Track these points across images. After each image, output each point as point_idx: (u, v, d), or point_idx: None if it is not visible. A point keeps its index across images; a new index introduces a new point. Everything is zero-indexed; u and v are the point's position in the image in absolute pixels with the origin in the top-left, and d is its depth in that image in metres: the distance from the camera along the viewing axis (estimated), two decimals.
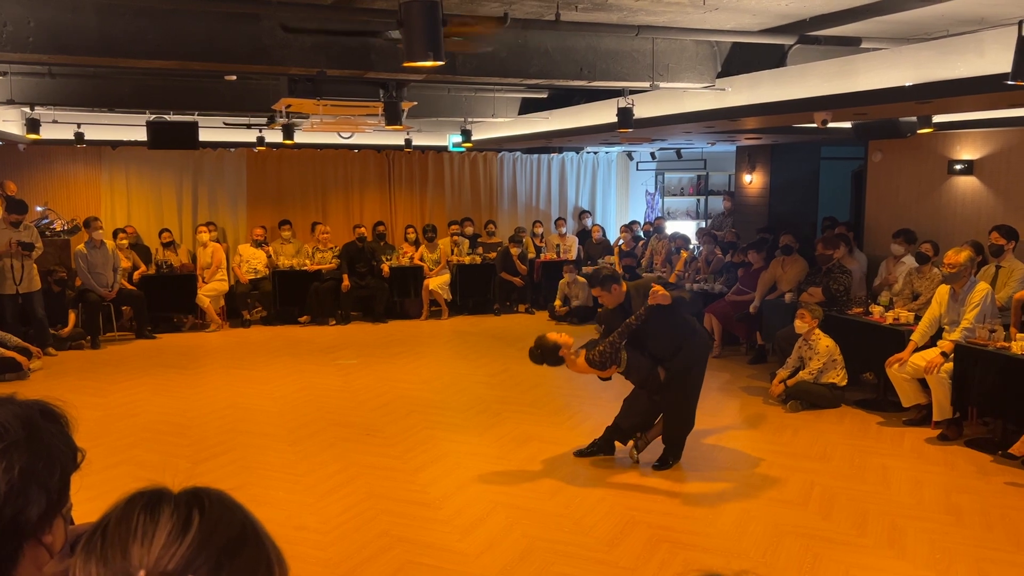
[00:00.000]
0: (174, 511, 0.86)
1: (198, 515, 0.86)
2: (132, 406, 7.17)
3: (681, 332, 5.59)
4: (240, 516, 0.90)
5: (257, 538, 0.89)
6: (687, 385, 5.65)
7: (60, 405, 1.18)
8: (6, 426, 1.07)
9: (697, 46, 6.54)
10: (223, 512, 0.88)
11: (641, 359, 5.55)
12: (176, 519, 0.85)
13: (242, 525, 0.89)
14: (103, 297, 9.94)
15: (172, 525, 0.84)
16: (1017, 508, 5.02)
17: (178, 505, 0.87)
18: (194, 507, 0.87)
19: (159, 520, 0.85)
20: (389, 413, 7.06)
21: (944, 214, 8.79)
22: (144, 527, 0.85)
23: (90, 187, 11.94)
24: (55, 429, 1.14)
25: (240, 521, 0.89)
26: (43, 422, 1.12)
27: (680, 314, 5.55)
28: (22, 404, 1.13)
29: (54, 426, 1.14)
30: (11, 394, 1.15)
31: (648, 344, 5.55)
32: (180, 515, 0.85)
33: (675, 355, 5.56)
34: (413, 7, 3.47)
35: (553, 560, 4.32)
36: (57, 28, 4.93)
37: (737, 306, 9.32)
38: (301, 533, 4.63)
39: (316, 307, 11.38)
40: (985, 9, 4.94)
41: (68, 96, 7.90)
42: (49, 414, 1.15)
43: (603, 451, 5.91)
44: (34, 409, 1.13)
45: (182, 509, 0.86)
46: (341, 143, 12.05)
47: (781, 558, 4.35)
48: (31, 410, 1.12)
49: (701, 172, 14.72)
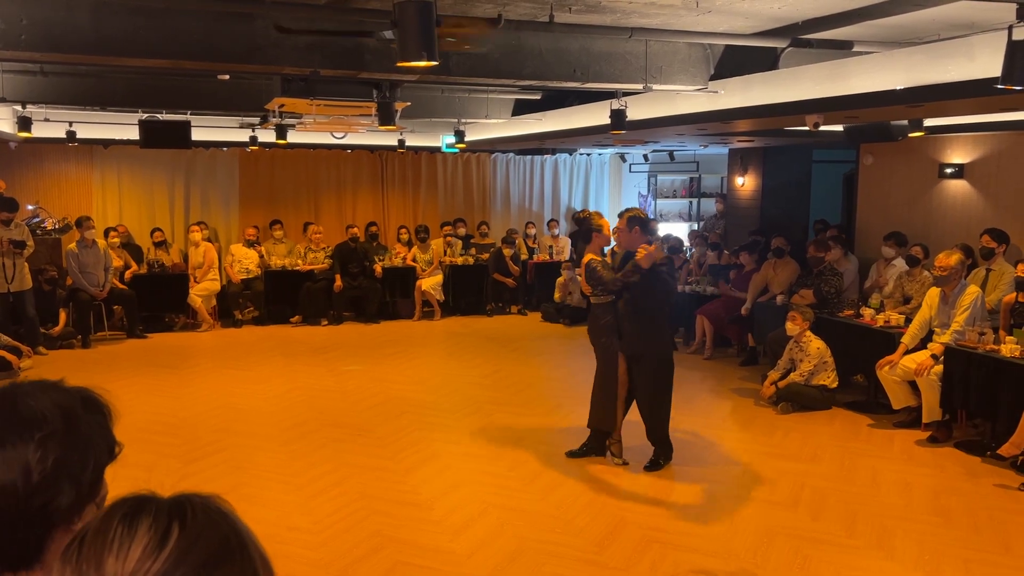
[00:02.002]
0: (153, 523, 0.82)
1: (178, 528, 0.82)
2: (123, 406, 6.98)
3: (660, 303, 5.72)
4: (226, 528, 0.85)
5: (243, 551, 0.85)
6: (666, 379, 5.74)
7: (104, 394, 1.17)
8: (46, 416, 1.07)
9: (690, 48, 6.56)
10: (206, 524, 0.84)
11: (611, 338, 5.73)
12: (154, 532, 0.82)
13: (225, 538, 0.84)
14: (94, 296, 9.91)
15: (149, 538, 0.81)
16: (1005, 510, 5.05)
17: (158, 516, 0.83)
18: (175, 519, 0.83)
19: (136, 532, 0.82)
20: (381, 414, 7.06)
21: (935, 217, 8.84)
22: (121, 539, 0.81)
23: (82, 186, 11.88)
24: (95, 420, 1.13)
25: (224, 534, 0.85)
26: (84, 412, 1.11)
27: (660, 290, 5.66)
28: (66, 392, 1.12)
29: (95, 416, 1.13)
30: (59, 379, 1.15)
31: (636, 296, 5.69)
32: (159, 527, 0.82)
33: (654, 330, 5.67)
34: (407, 7, 3.48)
35: (544, 560, 4.32)
36: (50, 26, 4.91)
37: (729, 308, 9.35)
38: (293, 533, 4.62)
39: (308, 307, 11.36)
40: (976, 14, 4.97)
41: (60, 94, 7.87)
42: (92, 403, 1.14)
43: (594, 452, 5.92)
44: (76, 398, 1.12)
45: (162, 521, 0.83)
46: (334, 143, 12.03)
47: (771, 559, 4.36)
48: (74, 399, 1.11)
49: (694, 174, 14.76)
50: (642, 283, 5.53)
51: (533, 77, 6.23)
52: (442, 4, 4.85)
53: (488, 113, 9.53)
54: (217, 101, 8.38)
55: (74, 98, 8.02)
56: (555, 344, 10.28)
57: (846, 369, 7.38)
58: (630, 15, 5.28)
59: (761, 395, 7.41)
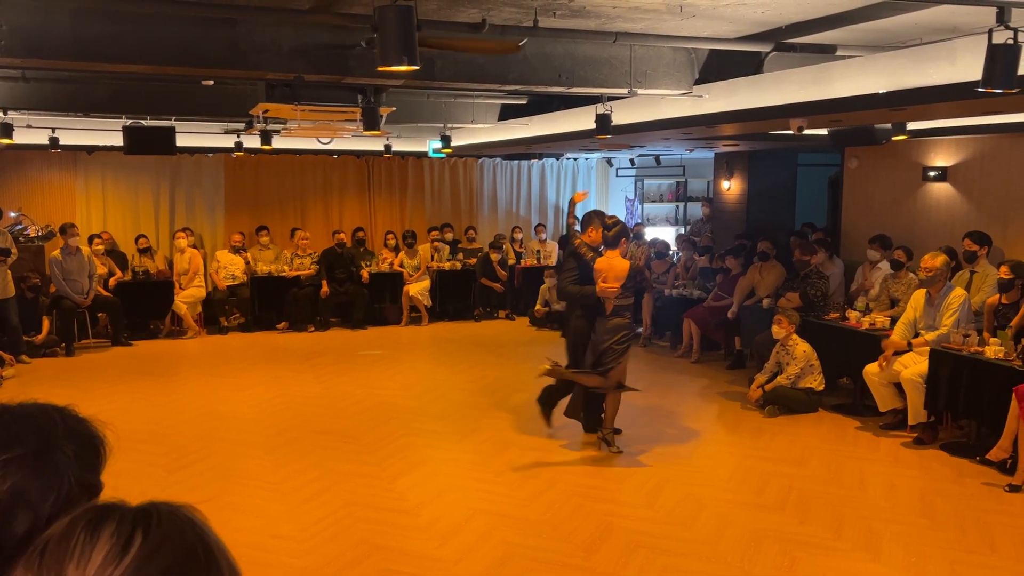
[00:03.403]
0: (116, 530, 0.81)
1: (141, 535, 0.80)
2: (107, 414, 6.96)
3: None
4: (192, 537, 0.83)
5: (210, 560, 0.83)
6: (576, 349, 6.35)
7: (102, 428, 1.12)
8: (18, 438, 1.03)
9: (674, 53, 6.57)
10: (171, 532, 0.82)
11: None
12: (116, 539, 0.80)
13: (191, 547, 0.82)
14: (78, 304, 9.83)
15: (111, 546, 0.79)
16: (991, 511, 5.07)
17: (122, 523, 0.81)
18: (139, 526, 0.81)
19: (98, 539, 0.80)
20: (367, 420, 7.02)
21: (919, 220, 8.88)
22: (82, 546, 0.80)
23: (65, 192, 11.80)
24: (75, 452, 1.07)
25: (190, 543, 0.83)
26: (63, 441, 1.06)
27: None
28: (50, 418, 1.08)
29: (76, 449, 1.08)
30: (68, 405, 1.11)
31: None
32: (121, 535, 0.80)
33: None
34: (387, 12, 3.47)
35: (531, 567, 4.31)
36: (30, 32, 4.87)
37: (715, 312, 9.37)
38: (277, 541, 4.58)
39: (294, 313, 11.30)
40: (957, 18, 5.00)
41: (42, 100, 7.81)
42: (78, 435, 1.09)
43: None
44: (59, 425, 1.08)
45: (125, 528, 0.81)
46: (320, 148, 11.99)
47: (759, 563, 4.36)
48: (55, 426, 1.07)
49: (680, 178, 14.81)
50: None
51: (518, 82, 6.23)
52: (426, 9, 4.85)
53: (474, 118, 9.52)
54: (201, 107, 8.33)
55: (57, 104, 7.95)
56: (543, 349, 10.25)
57: (832, 372, 7.40)
58: (614, 20, 5.28)
59: (748, 398, 7.42)
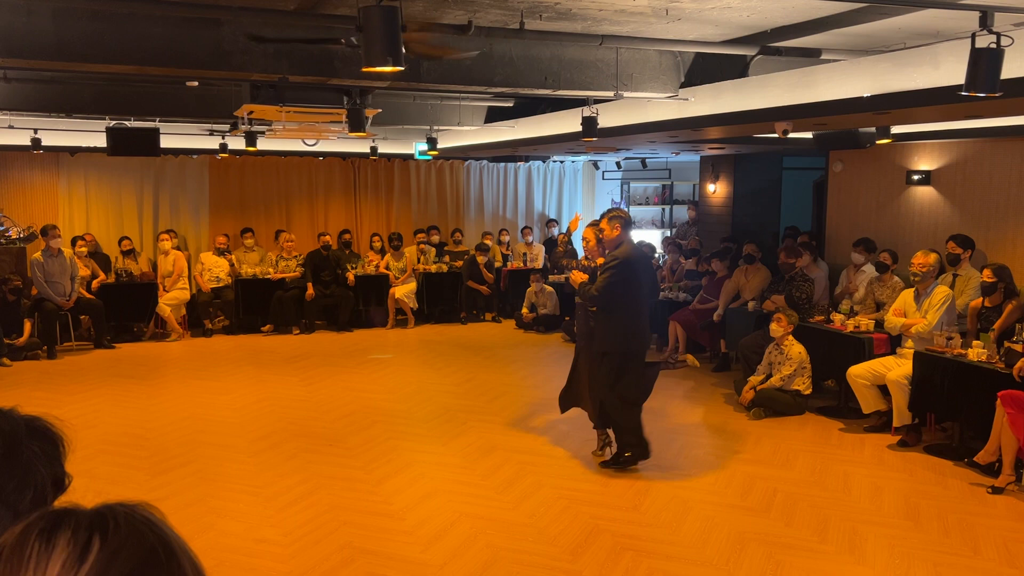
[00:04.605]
0: (72, 537, 0.78)
1: (99, 540, 0.78)
2: (90, 417, 7.01)
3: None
4: (152, 538, 0.81)
5: (172, 561, 0.81)
6: (611, 374, 5.91)
7: (57, 425, 1.12)
8: None
9: (660, 56, 6.59)
10: (130, 535, 0.79)
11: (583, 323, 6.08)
12: (73, 546, 0.77)
13: (152, 548, 0.80)
14: (60, 306, 9.73)
15: (68, 554, 0.77)
16: (974, 513, 5.10)
17: (77, 530, 0.79)
18: (95, 531, 0.79)
19: (55, 547, 0.77)
20: (352, 423, 6.98)
21: (903, 223, 8.94)
22: (38, 556, 0.77)
23: (47, 194, 11.70)
24: (43, 449, 1.08)
25: (150, 544, 0.80)
26: (28, 440, 1.07)
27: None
28: (10, 419, 1.08)
29: (43, 446, 1.08)
30: (12, 407, 1.11)
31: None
32: (78, 541, 0.78)
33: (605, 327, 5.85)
34: (372, 12, 3.45)
35: (518, 570, 4.29)
36: (11, 31, 4.82)
37: (701, 314, 9.39)
38: (262, 546, 4.54)
39: (279, 316, 11.24)
40: (940, 23, 5.04)
41: (24, 101, 7.73)
42: (39, 432, 1.10)
43: (609, 446, 6.08)
44: (22, 425, 1.08)
45: (81, 534, 0.78)
46: (306, 150, 11.95)
47: (744, 565, 4.36)
48: (18, 426, 1.07)
49: (666, 181, 14.85)
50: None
51: (504, 84, 6.22)
52: (412, 9, 4.84)
53: (461, 120, 9.51)
54: (186, 108, 8.27)
55: (39, 105, 7.87)
56: (529, 352, 10.26)
57: (817, 374, 7.42)
58: (600, 22, 5.28)
59: (740, 400, 7.42)
